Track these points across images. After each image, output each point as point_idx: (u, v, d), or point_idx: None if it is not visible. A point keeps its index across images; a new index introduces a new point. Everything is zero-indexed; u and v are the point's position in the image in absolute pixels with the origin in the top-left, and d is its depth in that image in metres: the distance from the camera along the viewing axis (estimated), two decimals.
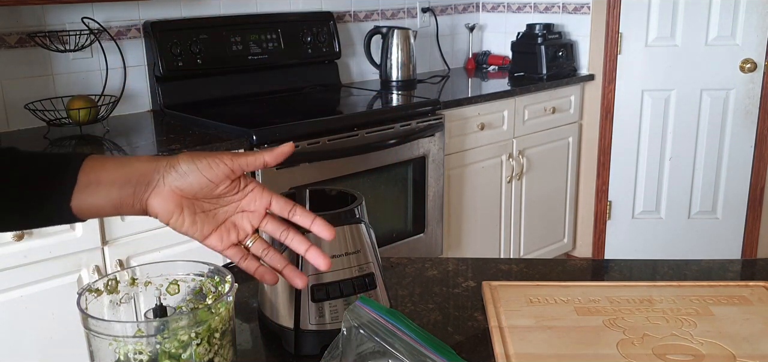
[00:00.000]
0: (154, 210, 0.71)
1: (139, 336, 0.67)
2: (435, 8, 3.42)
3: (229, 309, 0.71)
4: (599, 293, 0.99)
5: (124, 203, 0.72)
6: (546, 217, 3.30)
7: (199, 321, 0.68)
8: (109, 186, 0.72)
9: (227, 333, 0.71)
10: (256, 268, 0.76)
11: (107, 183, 0.72)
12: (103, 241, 1.97)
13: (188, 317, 0.68)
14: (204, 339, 0.68)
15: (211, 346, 0.69)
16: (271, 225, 0.77)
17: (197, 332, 0.68)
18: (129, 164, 0.73)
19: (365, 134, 2.43)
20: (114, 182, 0.72)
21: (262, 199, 0.76)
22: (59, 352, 1.95)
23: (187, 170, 0.70)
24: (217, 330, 0.69)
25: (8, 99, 2.29)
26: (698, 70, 3.15)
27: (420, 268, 1.15)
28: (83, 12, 2.35)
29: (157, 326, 0.68)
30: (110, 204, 0.72)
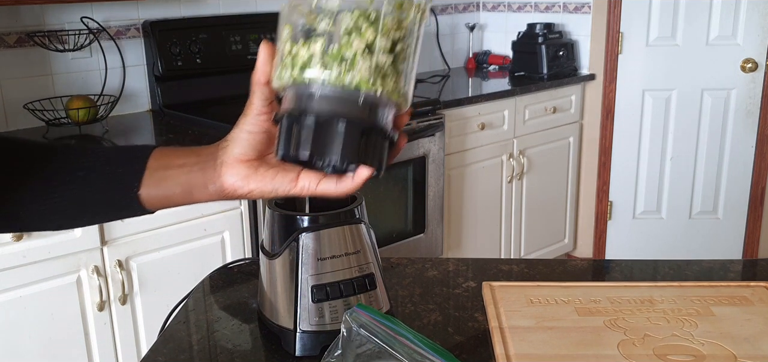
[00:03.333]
0: (231, 184, 0.68)
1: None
2: (435, 8, 3.42)
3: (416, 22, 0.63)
4: (600, 293, 0.99)
5: (196, 185, 0.70)
6: (547, 217, 3.30)
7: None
8: (178, 171, 0.70)
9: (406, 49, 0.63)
10: (362, 181, 0.68)
11: (176, 167, 0.70)
12: (102, 241, 1.96)
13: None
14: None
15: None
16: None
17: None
18: (196, 150, 0.71)
19: None
20: (183, 166, 0.70)
21: None
22: (59, 352, 1.95)
23: (237, 135, 0.68)
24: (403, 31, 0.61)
25: (7, 99, 2.29)
26: (699, 69, 3.15)
27: (420, 269, 1.15)
28: (82, 12, 2.35)
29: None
30: (180, 190, 0.70)
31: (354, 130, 0.60)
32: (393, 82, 0.61)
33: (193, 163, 0.70)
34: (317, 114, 0.60)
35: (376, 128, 0.61)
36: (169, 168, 0.71)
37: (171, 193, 0.71)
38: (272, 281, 0.89)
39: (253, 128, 0.67)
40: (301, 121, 0.61)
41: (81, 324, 1.97)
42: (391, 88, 0.61)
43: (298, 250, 0.85)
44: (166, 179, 0.70)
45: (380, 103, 0.61)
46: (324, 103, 0.60)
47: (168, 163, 0.71)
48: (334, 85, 0.59)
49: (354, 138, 0.60)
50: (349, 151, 0.60)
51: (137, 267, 2.05)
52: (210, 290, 1.10)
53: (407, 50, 0.62)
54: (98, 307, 1.98)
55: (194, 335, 0.96)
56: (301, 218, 0.85)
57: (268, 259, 0.88)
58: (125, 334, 2.06)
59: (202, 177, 0.69)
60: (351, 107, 0.60)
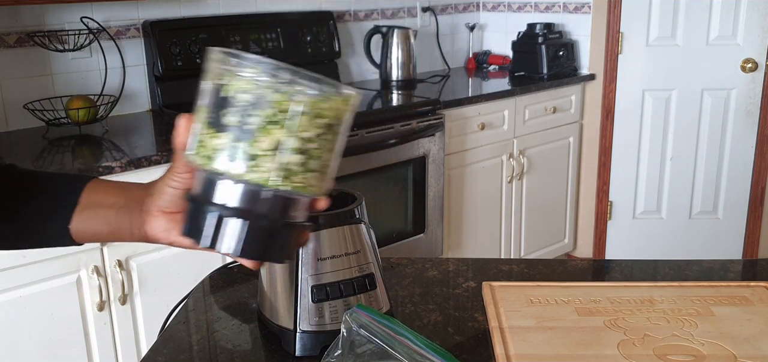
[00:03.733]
0: (154, 234, 0.70)
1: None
2: (435, 8, 3.42)
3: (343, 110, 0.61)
4: (600, 293, 0.99)
5: (122, 228, 0.72)
6: (546, 217, 3.30)
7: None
8: (107, 210, 0.72)
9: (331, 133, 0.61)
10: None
11: (106, 206, 0.73)
12: (102, 242, 1.97)
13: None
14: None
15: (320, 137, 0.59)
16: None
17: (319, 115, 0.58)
18: (127, 190, 0.73)
19: (365, 134, 2.43)
20: (112, 206, 0.72)
21: None
22: (59, 352, 1.95)
23: (161, 188, 0.68)
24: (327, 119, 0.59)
25: (7, 99, 2.29)
26: (699, 69, 3.15)
27: (420, 269, 1.15)
28: (82, 12, 2.35)
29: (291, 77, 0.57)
30: (107, 229, 0.73)
31: (255, 228, 0.60)
32: (302, 179, 0.59)
33: (121, 205, 0.72)
34: (220, 207, 0.59)
35: (281, 224, 0.61)
36: (100, 207, 0.73)
37: (98, 231, 0.74)
38: (272, 281, 0.89)
39: (176, 184, 0.67)
40: (204, 210, 0.60)
41: (81, 324, 1.97)
42: (301, 185, 0.59)
43: (298, 250, 0.85)
44: (95, 217, 0.73)
45: (288, 199, 0.60)
46: (227, 196, 0.59)
47: (99, 201, 0.73)
48: (238, 180, 0.58)
49: (255, 236, 0.60)
50: (249, 248, 0.60)
51: (137, 267, 2.05)
52: (210, 290, 1.10)
53: (325, 146, 0.60)
54: (98, 307, 1.98)
55: (194, 335, 0.96)
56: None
57: None
58: (125, 334, 2.06)
59: (129, 220, 0.71)
60: (254, 204, 0.59)
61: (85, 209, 0.73)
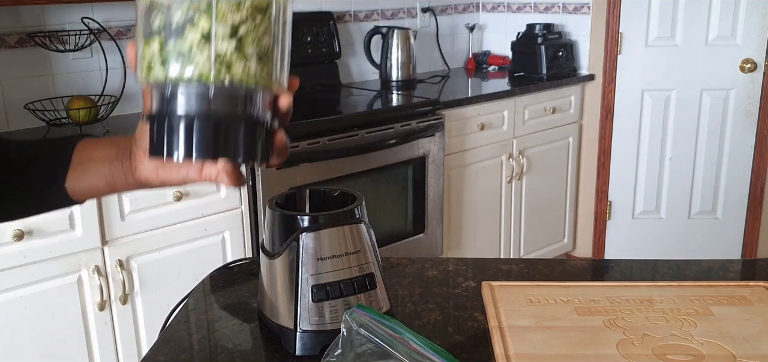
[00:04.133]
0: (145, 177, 0.70)
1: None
2: (435, 8, 3.42)
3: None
4: (599, 293, 0.99)
5: (117, 178, 0.72)
6: (546, 217, 3.30)
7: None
8: (100, 163, 0.73)
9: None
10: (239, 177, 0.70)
11: (98, 160, 0.73)
12: (102, 241, 1.97)
13: None
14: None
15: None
16: None
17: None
18: (117, 141, 0.73)
19: (365, 134, 2.43)
20: (105, 159, 0.72)
21: None
22: (60, 352, 1.95)
23: (141, 130, 0.69)
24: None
25: (8, 99, 2.29)
26: (698, 70, 3.15)
27: (420, 268, 1.15)
28: (83, 12, 2.35)
29: None
30: (104, 182, 0.73)
31: (207, 124, 0.58)
32: (244, 68, 0.58)
33: (114, 156, 0.72)
34: (169, 114, 0.58)
35: (232, 121, 0.59)
36: (92, 161, 0.73)
37: (94, 185, 0.74)
38: (272, 281, 0.89)
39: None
40: (160, 122, 0.60)
41: (82, 323, 1.98)
42: (242, 75, 0.58)
43: (299, 250, 0.85)
44: (89, 172, 0.73)
45: (234, 92, 0.59)
46: (175, 100, 0.59)
47: (91, 156, 0.73)
48: (178, 81, 0.58)
49: (208, 133, 0.58)
50: (206, 146, 0.58)
51: (138, 266, 2.05)
52: (210, 290, 1.10)
53: (258, 30, 0.58)
54: (99, 307, 1.98)
55: (195, 334, 0.96)
56: (302, 218, 0.86)
57: (269, 259, 0.89)
58: (126, 334, 2.06)
59: (122, 169, 0.72)
60: (200, 103, 0.58)
61: (78, 166, 0.73)
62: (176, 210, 2.09)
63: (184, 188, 2.08)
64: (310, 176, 2.30)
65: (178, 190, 2.07)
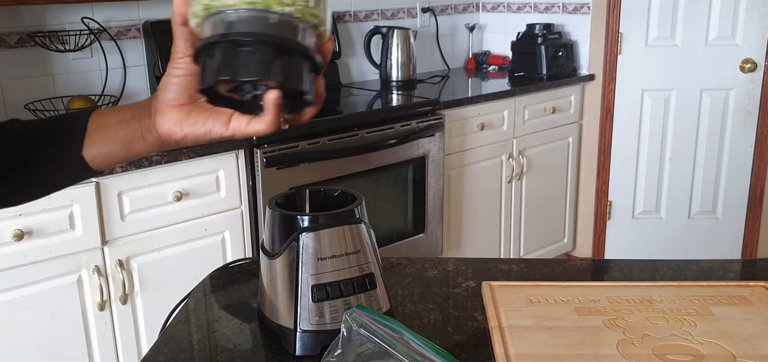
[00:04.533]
0: (165, 130, 0.69)
1: None
2: (435, 8, 3.42)
3: None
4: (599, 293, 0.99)
5: (133, 138, 0.72)
6: (546, 217, 3.30)
7: None
8: (116, 127, 0.72)
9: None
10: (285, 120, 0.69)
11: (113, 124, 0.73)
12: (103, 241, 1.97)
13: None
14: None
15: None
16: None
17: None
18: (132, 105, 0.73)
19: (365, 134, 2.43)
20: (120, 122, 0.72)
21: None
22: (60, 352, 1.95)
23: (166, 81, 0.69)
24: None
25: (8, 99, 2.30)
26: (698, 70, 3.15)
27: (420, 268, 1.15)
28: (83, 12, 2.35)
29: None
30: (120, 145, 0.72)
31: (266, 48, 0.59)
32: (304, 3, 0.60)
33: (129, 117, 0.72)
34: (228, 39, 0.59)
35: (291, 46, 0.60)
36: (107, 126, 0.73)
37: (111, 150, 0.73)
38: (272, 281, 0.89)
39: (179, 71, 0.68)
40: (213, 51, 0.60)
41: (82, 323, 1.98)
42: (303, 9, 0.60)
43: (299, 250, 0.85)
44: (104, 137, 0.73)
45: (293, 22, 0.60)
46: (234, 27, 0.59)
47: (105, 122, 0.73)
48: (241, 6, 0.59)
49: (267, 56, 0.59)
50: (262, 69, 0.59)
51: (138, 266, 2.05)
52: (210, 290, 1.11)
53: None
54: (99, 307, 1.98)
55: (195, 334, 0.96)
56: (302, 218, 0.86)
57: (269, 259, 0.89)
58: (126, 334, 2.06)
59: (139, 128, 0.71)
60: (262, 27, 0.59)
61: (94, 133, 0.73)
62: (176, 210, 2.09)
63: (184, 188, 2.08)
64: (310, 176, 2.30)
65: (178, 190, 2.07)
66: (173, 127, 0.69)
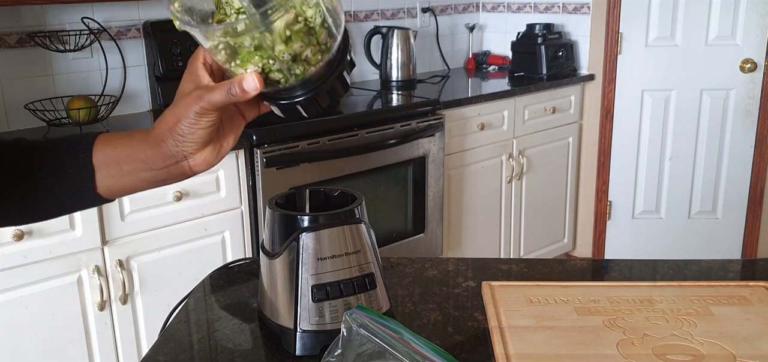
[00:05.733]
0: (203, 168, 0.72)
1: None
2: (435, 8, 3.42)
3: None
4: (599, 293, 0.99)
5: (164, 180, 0.73)
6: (546, 217, 3.30)
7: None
8: (136, 171, 0.72)
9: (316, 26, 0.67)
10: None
11: (131, 168, 0.72)
12: (103, 241, 1.97)
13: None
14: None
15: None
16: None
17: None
18: (141, 148, 0.72)
19: (365, 134, 2.43)
20: (138, 168, 0.71)
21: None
22: (60, 352, 1.95)
23: (198, 138, 0.69)
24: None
25: (8, 99, 2.30)
26: (698, 70, 3.15)
27: (420, 268, 1.15)
28: (83, 12, 2.35)
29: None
30: (144, 184, 0.73)
31: (321, 95, 0.69)
32: (327, 40, 0.67)
33: (149, 165, 0.71)
34: (290, 96, 0.69)
35: (331, 76, 0.69)
36: (120, 166, 0.72)
37: (132, 185, 0.74)
38: (272, 281, 0.89)
39: (206, 131, 0.69)
40: (282, 106, 0.71)
41: (82, 323, 1.98)
42: (328, 46, 0.67)
43: (299, 250, 0.85)
44: (120, 176, 0.73)
45: (320, 71, 0.68)
46: (291, 90, 0.69)
47: (116, 160, 0.72)
48: (289, 81, 0.67)
49: (324, 96, 0.70)
50: (323, 104, 0.71)
51: (138, 266, 2.05)
52: (210, 290, 1.11)
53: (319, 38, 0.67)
54: (99, 307, 1.98)
55: (195, 334, 0.96)
56: (302, 218, 0.86)
57: (269, 259, 0.89)
58: (126, 334, 2.06)
59: (166, 173, 0.72)
60: (309, 84, 0.68)
61: (105, 170, 0.72)
62: (176, 210, 2.09)
63: (185, 188, 2.08)
64: (310, 176, 2.30)
65: (178, 190, 2.07)
66: (212, 161, 0.72)
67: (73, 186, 0.73)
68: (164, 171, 0.71)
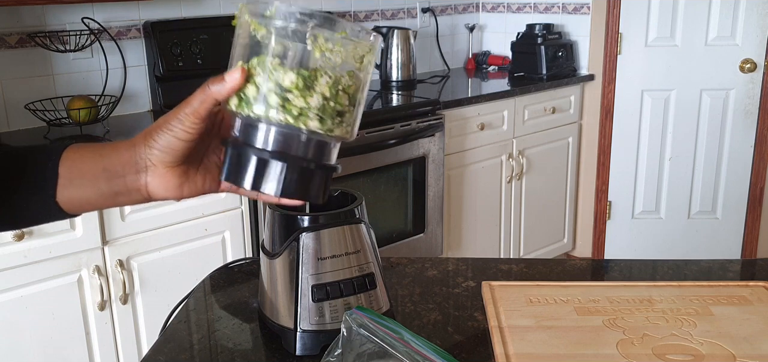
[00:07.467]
0: (160, 193, 0.67)
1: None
2: (435, 8, 3.42)
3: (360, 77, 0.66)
4: (599, 293, 0.99)
5: (119, 193, 0.68)
6: (546, 217, 3.30)
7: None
8: (95, 180, 0.67)
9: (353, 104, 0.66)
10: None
11: (91, 176, 0.68)
12: (103, 241, 1.97)
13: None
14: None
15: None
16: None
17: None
18: (107, 154, 0.68)
19: (365, 134, 2.43)
20: (98, 176, 0.67)
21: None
22: (60, 352, 1.95)
23: (167, 144, 0.65)
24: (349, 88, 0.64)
25: (8, 99, 2.30)
26: (698, 70, 3.16)
27: (420, 268, 1.16)
28: (83, 12, 2.36)
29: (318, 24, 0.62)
30: (101, 198, 0.68)
31: (294, 169, 0.64)
32: (338, 123, 0.64)
33: (109, 174, 0.67)
34: (261, 151, 0.63)
35: (318, 165, 0.65)
36: (83, 177, 0.68)
37: (88, 199, 0.68)
38: (273, 281, 0.89)
39: (187, 135, 0.65)
40: (246, 154, 0.64)
41: (82, 323, 1.98)
42: (335, 128, 0.64)
43: (299, 250, 0.85)
44: (81, 187, 0.68)
45: (322, 142, 0.64)
46: (267, 140, 0.63)
47: (80, 171, 0.68)
48: (277, 123, 0.62)
49: (294, 177, 0.64)
50: (289, 187, 0.64)
51: (138, 266, 2.05)
52: (211, 289, 1.11)
53: (355, 95, 0.65)
54: (99, 307, 1.99)
55: (195, 334, 0.96)
56: (302, 218, 0.86)
57: (269, 259, 0.89)
58: (126, 334, 2.07)
59: (125, 186, 0.67)
60: (292, 147, 0.63)
61: (68, 182, 0.68)
62: (176, 210, 2.09)
63: None
64: None
65: None
66: (172, 192, 0.67)
67: (34, 192, 0.69)
68: (121, 182, 0.67)
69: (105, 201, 0.69)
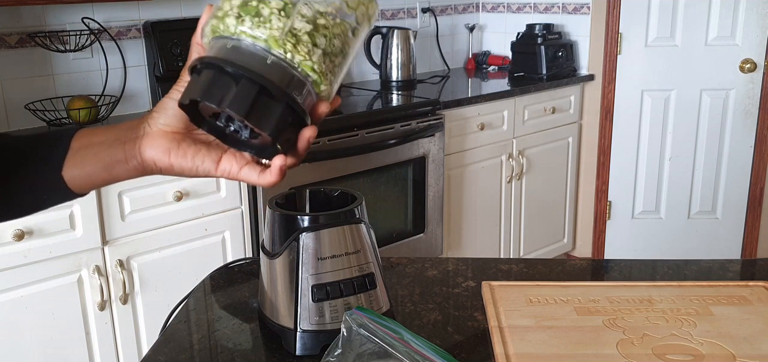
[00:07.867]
0: (150, 156, 0.66)
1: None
2: (435, 8, 3.42)
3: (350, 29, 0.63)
4: (599, 293, 0.99)
5: (117, 161, 0.68)
6: (546, 217, 3.30)
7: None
8: (98, 148, 0.68)
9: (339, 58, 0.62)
10: (279, 171, 0.66)
11: (96, 145, 0.69)
12: (103, 241, 1.97)
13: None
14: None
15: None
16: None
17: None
18: (117, 126, 0.70)
19: (365, 134, 2.43)
20: (103, 143, 0.68)
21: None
22: (60, 352, 1.95)
23: (164, 103, 0.65)
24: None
25: (8, 99, 2.30)
26: (698, 70, 3.16)
27: (420, 268, 1.16)
28: (83, 12, 2.36)
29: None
30: (101, 167, 0.68)
31: (252, 85, 0.58)
32: (306, 53, 0.59)
33: (114, 139, 0.68)
34: (222, 63, 0.59)
35: (278, 93, 0.59)
36: (90, 146, 0.69)
37: (92, 171, 0.69)
38: (273, 281, 0.89)
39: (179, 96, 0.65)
40: (202, 71, 0.60)
41: (82, 323, 1.98)
42: (303, 59, 0.59)
43: (299, 250, 0.85)
44: (87, 157, 0.69)
45: (289, 70, 0.59)
46: (231, 54, 0.59)
47: (89, 142, 0.69)
48: (242, 36, 0.59)
49: (249, 93, 0.58)
50: (241, 103, 0.58)
51: (138, 266, 2.05)
52: (211, 289, 1.11)
53: (333, 30, 0.61)
54: (99, 307, 1.99)
55: (195, 334, 0.96)
56: (302, 218, 0.86)
57: (269, 259, 0.89)
58: (126, 334, 2.07)
59: (122, 151, 0.67)
60: (256, 64, 0.58)
61: (76, 153, 0.69)
62: (176, 210, 2.09)
63: (185, 187, 2.08)
64: (310, 176, 2.30)
65: (179, 190, 2.07)
66: (159, 155, 0.66)
67: (40, 169, 0.70)
68: (120, 150, 0.67)
69: (103, 171, 0.69)
